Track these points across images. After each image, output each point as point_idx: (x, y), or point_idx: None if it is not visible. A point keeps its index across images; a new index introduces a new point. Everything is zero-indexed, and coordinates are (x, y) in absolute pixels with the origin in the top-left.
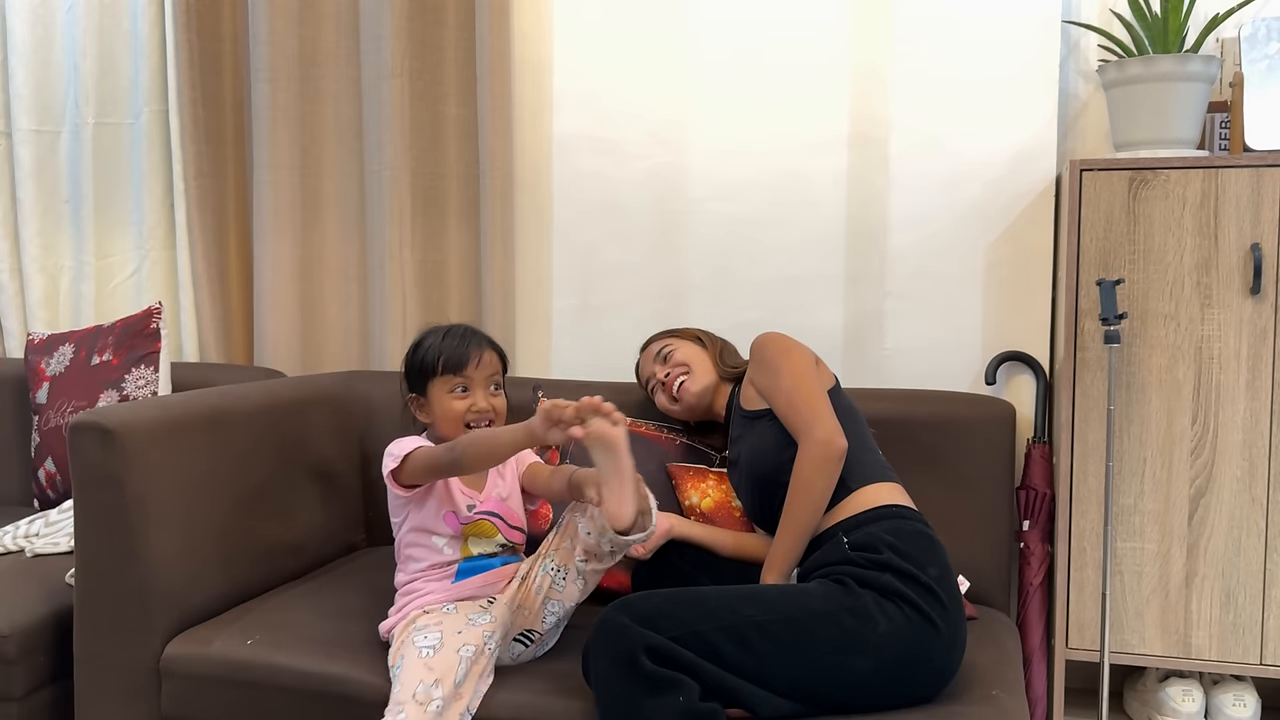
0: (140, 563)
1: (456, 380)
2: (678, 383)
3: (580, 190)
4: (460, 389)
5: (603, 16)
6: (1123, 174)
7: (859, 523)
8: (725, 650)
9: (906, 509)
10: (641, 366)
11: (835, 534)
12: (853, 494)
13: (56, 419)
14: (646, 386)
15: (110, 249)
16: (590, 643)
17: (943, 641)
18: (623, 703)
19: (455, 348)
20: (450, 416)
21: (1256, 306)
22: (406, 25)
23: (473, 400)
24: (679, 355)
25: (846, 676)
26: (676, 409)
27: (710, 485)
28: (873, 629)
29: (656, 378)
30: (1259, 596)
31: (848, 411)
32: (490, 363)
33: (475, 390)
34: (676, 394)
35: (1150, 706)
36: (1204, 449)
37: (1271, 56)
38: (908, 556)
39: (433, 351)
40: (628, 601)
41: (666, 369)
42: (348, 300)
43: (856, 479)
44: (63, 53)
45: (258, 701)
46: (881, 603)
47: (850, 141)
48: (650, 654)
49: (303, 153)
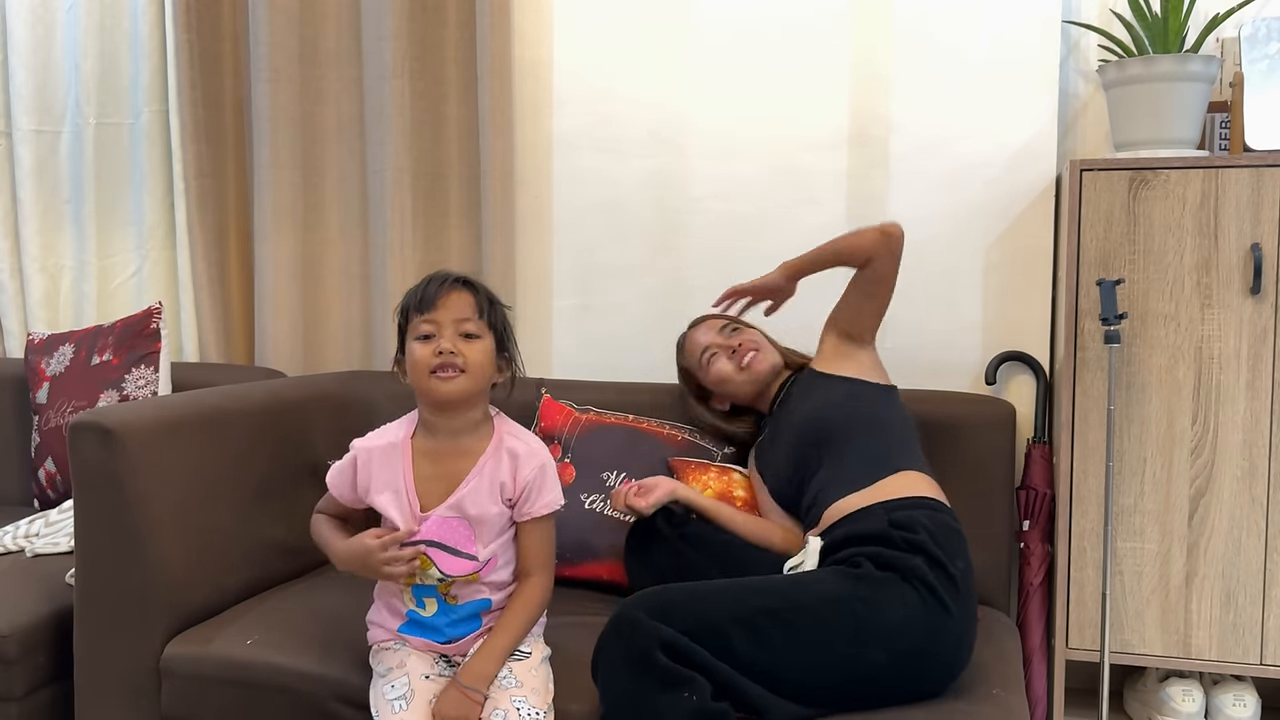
0: (140, 563)
1: (421, 324)
2: (749, 355)
3: (581, 189)
4: (427, 336)
5: (603, 16)
6: (1123, 174)
7: (901, 505)
8: (738, 641)
9: (945, 505)
10: (695, 337)
11: (877, 510)
12: (900, 473)
13: (56, 419)
14: (701, 356)
15: (111, 249)
16: (603, 636)
17: (954, 633)
18: (634, 698)
19: (420, 290)
20: (415, 366)
21: (1256, 306)
22: (407, 25)
23: (436, 344)
24: (749, 335)
25: (859, 670)
26: (740, 378)
27: (711, 478)
28: (886, 617)
29: (719, 344)
30: (1259, 596)
31: (906, 418)
32: (460, 302)
33: (442, 332)
34: (746, 364)
35: (1150, 706)
36: (1204, 449)
37: (1271, 56)
38: (942, 545)
39: (405, 302)
40: (641, 596)
41: (738, 339)
42: (348, 300)
43: (906, 461)
44: (63, 53)
45: (258, 701)
46: (900, 587)
47: (850, 141)
48: (665, 649)
49: (303, 153)
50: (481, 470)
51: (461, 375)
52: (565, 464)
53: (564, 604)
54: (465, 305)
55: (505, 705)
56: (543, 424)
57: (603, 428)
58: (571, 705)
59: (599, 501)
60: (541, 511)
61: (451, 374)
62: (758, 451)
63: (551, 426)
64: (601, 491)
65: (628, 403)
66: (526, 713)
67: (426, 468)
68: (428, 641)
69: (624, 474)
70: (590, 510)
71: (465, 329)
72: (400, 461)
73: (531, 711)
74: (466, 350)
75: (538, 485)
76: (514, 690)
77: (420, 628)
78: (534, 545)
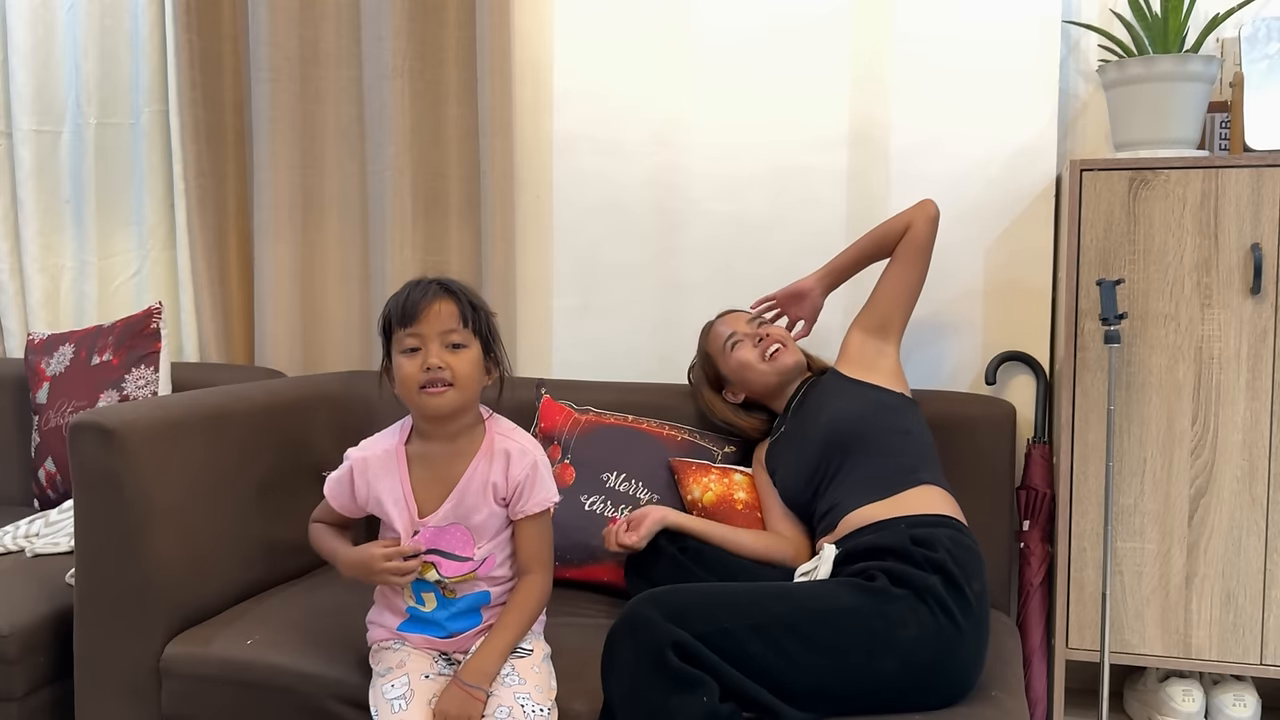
0: (140, 563)
1: (405, 338)
2: (774, 347)
3: (581, 190)
4: (413, 348)
5: (603, 16)
6: (1123, 174)
7: (923, 522)
8: (753, 648)
9: (965, 525)
10: (723, 325)
11: (898, 524)
12: (921, 487)
13: (56, 419)
14: (726, 342)
15: (111, 249)
16: (613, 633)
17: (965, 653)
18: (644, 698)
19: (404, 299)
20: (403, 382)
21: (1257, 306)
22: (407, 25)
23: (422, 358)
24: (777, 329)
25: (871, 679)
26: (763, 367)
27: (712, 479)
28: (902, 633)
29: (746, 333)
30: (1259, 596)
31: (927, 431)
32: (444, 314)
33: (427, 346)
34: (771, 355)
35: (1150, 706)
36: (1204, 449)
37: (1271, 56)
38: (961, 566)
39: (386, 308)
40: (655, 595)
41: (765, 330)
42: (348, 300)
43: (928, 476)
44: (63, 53)
45: (258, 701)
46: (915, 605)
47: (850, 141)
48: (677, 650)
49: (303, 153)
50: (475, 472)
51: (450, 389)
52: (565, 464)
53: (565, 605)
54: (449, 315)
55: (509, 702)
56: (542, 424)
57: (602, 428)
58: (574, 705)
59: (599, 503)
60: (535, 509)
61: (440, 389)
62: (770, 450)
63: (551, 427)
64: (602, 492)
65: (627, 403)
66: (530, 709)
67: (422, 473)
68: (429, 638)
69: (624, 474)
70: (590, 512)
71: (451, 339)
72: (396, 469)
73: (535, 708)
74: (454, 362)
75: (530, 483)
76: (517, 687)
77: (421, 624)
78: (530, 542)
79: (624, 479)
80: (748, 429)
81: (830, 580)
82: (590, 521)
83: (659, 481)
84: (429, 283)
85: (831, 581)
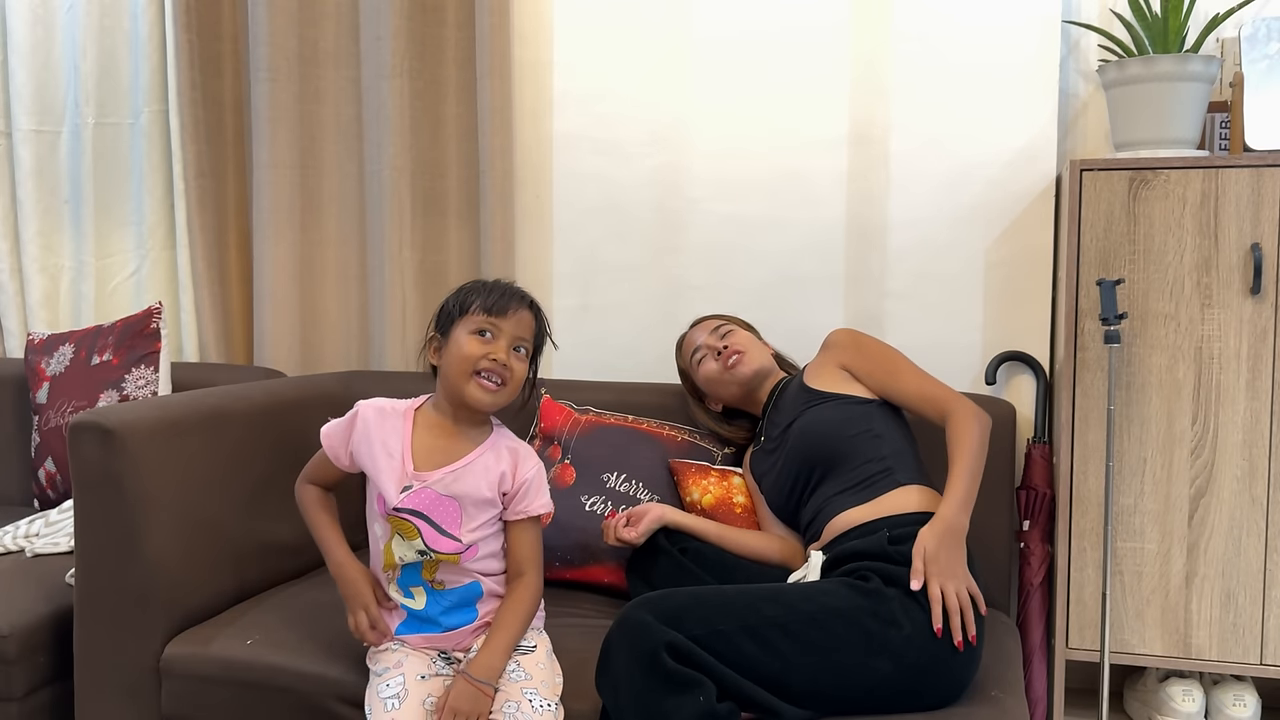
0: (140, 563)
1: (484, 323)
2: (733, 357)
3: (580, 190)
4: (485, 332)
5: (603, 16)
6: (1123, 174)
7: (903, 522)
8: (747, 650)
9: None
10: (690, 337)
11: (879, 528)
12: (900, 489)
13: (56, 419)
14: (691, 356)
15: (110, 249)
16: (609, 639)
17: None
18: (641, 701)
19: (493, 291)
20: (461, 356)
21: (1256, 306)
22: (406, 25)
23: (493, 348)
24: (738, 338)
25: (866, 679)
26: (725, 379)
27: (712, 482)
28: (896, 632)
29: (709, 345)
30: (1259, 596)
31: (902, 427)
32: (524, 322)
33: (499, 340)
34: (730, 365)
35: (1150, 706)
36: (1204, 449)
37: (1271, 56)
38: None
39: (472, 293)
40: (648, 600)
41: (724, 343)
42: (347, 300)
43: (905, 476)
44: (63, 53)
45: (258, 701)
46: (906, 603)
47: (850, 141)
48: (671, 652)
49: (302, 152)
50: (481, 455)
51: (502, 389)
52: (565, 465)
53: (565, 606)
54: (528, 326)
55: (517, 698)
56: (542, 424)
57: (602, 428)
58: (575, 705)
59: (599, 503)
60: (538, 510)
61: (495, 385)
62: (753, 457)
63: (551, 427)
64: (602, 493)
65: (627, 403)
66: (538, 705)
67: (427, 438)
68: (427, 636)
69: (624, 475)
70: (590, 512)
71: (520, 345)
72: (402, 426)
73: (543, 703)
74: (515, 366)
75: (536, 485)
76: (524, 683)
77: (418, 623)
78: (525, 545)
79: (624, 479)
80: (733, 437)
81: (824, 580)
82: (590, 522)
83: (659, 482)
84: (518, 289)
85: (825, 582)
